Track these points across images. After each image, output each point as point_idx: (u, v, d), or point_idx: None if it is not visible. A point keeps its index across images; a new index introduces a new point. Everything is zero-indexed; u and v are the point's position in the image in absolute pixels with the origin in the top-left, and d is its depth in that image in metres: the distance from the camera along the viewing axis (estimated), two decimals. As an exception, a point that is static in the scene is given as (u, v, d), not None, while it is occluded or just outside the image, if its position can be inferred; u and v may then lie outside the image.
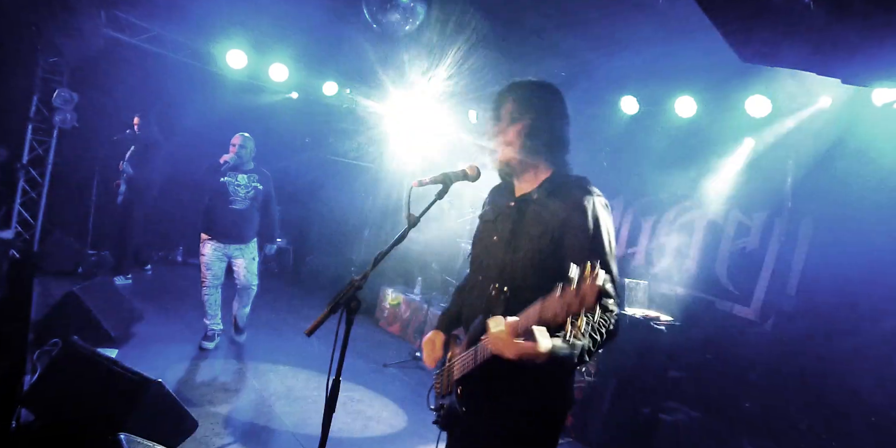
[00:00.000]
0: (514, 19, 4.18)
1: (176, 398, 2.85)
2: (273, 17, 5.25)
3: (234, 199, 4.52)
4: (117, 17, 5.73)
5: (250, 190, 4.58)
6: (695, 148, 5.12)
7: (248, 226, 4.63)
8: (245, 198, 4.56)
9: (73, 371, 2.69)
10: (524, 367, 1.40)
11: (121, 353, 4.09)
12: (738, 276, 4.74)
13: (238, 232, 4.58)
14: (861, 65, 1.83)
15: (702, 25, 2.18)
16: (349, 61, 6.46)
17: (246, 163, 4.61)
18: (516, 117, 1.67)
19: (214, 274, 4.60)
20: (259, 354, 4.79)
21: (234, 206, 4.52)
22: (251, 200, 4.59)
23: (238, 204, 4.54)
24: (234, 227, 4.55)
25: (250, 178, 4.62)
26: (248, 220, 4.61)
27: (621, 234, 5.85)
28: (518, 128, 1.67)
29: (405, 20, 3.68)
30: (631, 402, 3.93)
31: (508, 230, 1.71)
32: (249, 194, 4.58)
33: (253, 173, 4.65)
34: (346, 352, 1.53)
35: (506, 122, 1.68)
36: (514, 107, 1.68)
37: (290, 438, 3.39)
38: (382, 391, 4.47)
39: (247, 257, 4.67)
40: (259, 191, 4.64)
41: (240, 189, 4.54)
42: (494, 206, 1.85)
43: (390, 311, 6.50)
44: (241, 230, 4.59)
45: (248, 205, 4.57)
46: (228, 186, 4.51)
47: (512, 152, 1.68)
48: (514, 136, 1.67)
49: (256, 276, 4.80)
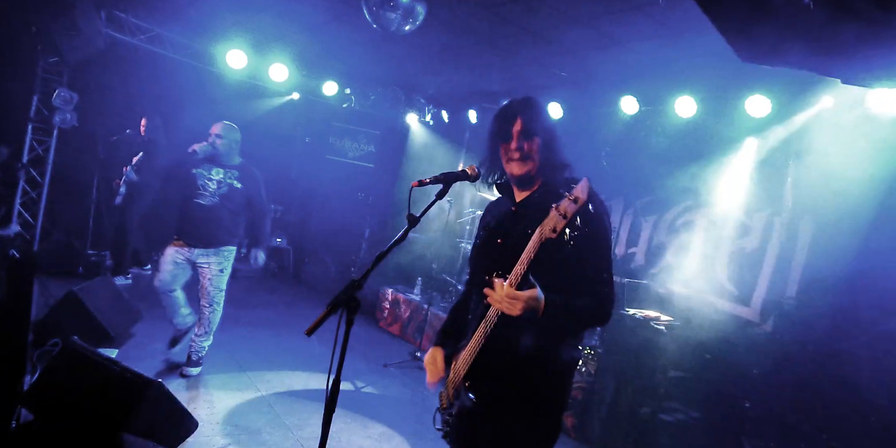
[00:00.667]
0: (513, 19, 4.18)
1: (176, 398, 2.85)
2: (273, 17, 5.25)
3: (202, 193, 3.92)
4: (117, 17, 5.73)
5: (223, 187, 3.96)
6: (695, 148, 5.12)
7: (214, 227, 3.96)
8: (214, 194, 3.93)
9: (73, 371, 2.70)
10: (529, 326, 1.55)
11: (121, 353, 4.10)
12: (738, 276, 4.74)
13: (204, 233, 3.95)
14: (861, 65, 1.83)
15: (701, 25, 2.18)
16: (349, 61, 6.47)
17: (225, 155, 4.01)
18: (532, 133, 1.73)
19: (163, 279, 3.96)
20: (259, 354, 4.79)
21: (199, 201, 3.91)
22: (221, 198, 3.95)
23: (204, 199, 3.92)
24: (200, 227, 3.94)
25: (228, 174, 4.01)
26: (214, 220, 3.96)
27: (621, 235, 5.86)
28: (536, 142, 1.73)
29: (405, 20, 3.68)
30: (631, 402, 3.93)
31: (511, 231, 1.74)
32: (221, 191, 3.95)
33: (233, 170, 4.04)
34: (346, 352, 1.53)
35: (524, 137, 1.73)
36: (529, 123, 1.73)
37: (291, 438, 3.39)
38: (382, 391, 4.47)
39: (213, 267, 4.00)
40: (236, 190, 4.01)
41: (210, 183, 3.94)
42: (495, 215, 1.90)
43: (390, 311, 6.50)
44: (207, 231, 3.95)
45: (216, 202, 3.93)
46: (198, 179, 3.93)
47: (529, 165, 1.73)
48: (533, 149, 1.73)
49: (221, 293, 4.09)
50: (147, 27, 5.95)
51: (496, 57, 5.20)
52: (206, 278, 4.02)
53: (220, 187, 3.97)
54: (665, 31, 3.84)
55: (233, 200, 4.01)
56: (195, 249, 3.97)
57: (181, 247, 3.97)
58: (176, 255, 3.97)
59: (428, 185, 1.73)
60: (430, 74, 6.45)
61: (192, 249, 3.97)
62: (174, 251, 3.97)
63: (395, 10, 3.62)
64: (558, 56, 4.84)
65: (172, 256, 3.96)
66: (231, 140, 4.04)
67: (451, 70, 5.99)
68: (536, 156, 1.72)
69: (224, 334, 4.87)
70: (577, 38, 4.31)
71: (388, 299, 6.57)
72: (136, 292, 5.82)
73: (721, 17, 1.89)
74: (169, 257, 3.96)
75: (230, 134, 4.04)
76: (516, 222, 1.75)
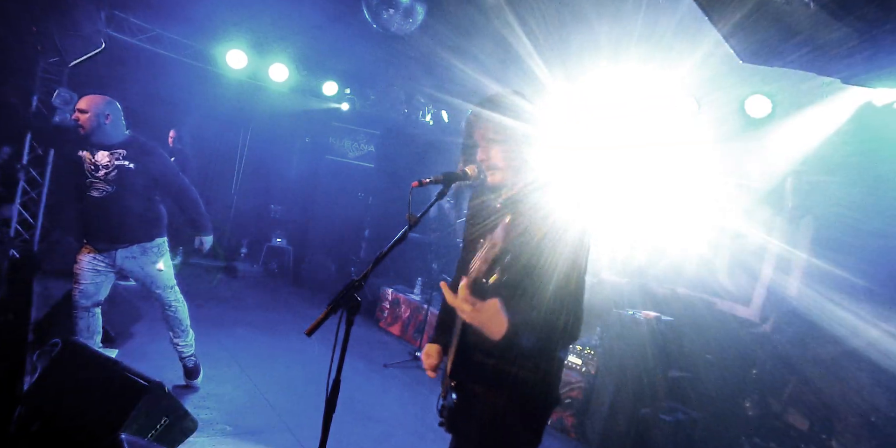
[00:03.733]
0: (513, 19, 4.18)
1: (176, 398, 2.85)
2: (273, 17, 5.26)
3: (93, 182, 3.29)
4: (117, 16, 5.74)
5: (111, 170, 3.28)
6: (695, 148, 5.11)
7: (124, 222, 3.36)
8: (104, 181, 3.28)
9: (73, 371, 2.70)
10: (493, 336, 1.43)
11: (121, 353, 4.09)
12: (738, 276, 4.74)
13: (114, 232, 3.37)
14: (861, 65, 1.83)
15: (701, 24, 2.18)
16: (349, 61, 6.47)
17: (99, 134, 3.28)
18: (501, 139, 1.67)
19: (84, 290, 3.38)
20: (259, 354, 4.78)
21: (92, 194, 3.29)
22: (116, 185, 3.29)
23: (97, 190, 3.29)
24: (105, 225, 3.35)
25: (114, 155, 3.30)
26: (119, 214, 3.34)
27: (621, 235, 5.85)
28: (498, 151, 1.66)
29: (405, 20, 3.68)
30: (631, 402, 3.93)
31: (496, 228, 1.71)
32: (111, 176, 3.28)
33: (119, 148, 3.32)
34: (346, 352, 1.53)
35: (486, 145, 1.68)
36: (497, 130, 1.67)
37: (290, 438, 3.39)
38: (382, 391, 4.47)
39: (147, 268, 3.48)
40: (130, 171, 3.30)
41: (98, 168, 3.28)
42: (482, 208, 1.86)
43: (390, 311, 6.50)
44: (118, 228, 3.37)
45: (111, 191, 3.29)
46: (83, 164, 3.26)
47: (498, 176, 1.68)
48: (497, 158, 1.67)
49: (174, 289, 3.63)
50: (147, 27, 5.95)
51: (496, 57, 5.19)
52: (144, 278, 3.52)
53: (109, 171, 3.28)
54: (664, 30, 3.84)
55: (133, 185, 3.33)
56: (115, 253, 3.40)
57: (97, 253, 3.39)
58: (95, 262, 3.40)
59: (428, 185, 1.72)
60: (429, 74, 6.44)
61: (112, 254, 3.40)
62: (91, 258, 3.39)
63: (396, 10, 3.62)
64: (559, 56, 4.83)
65: (91, 264, 3.38)
66: (97, 114, 3.25)
67: (452, 70, 5.98)
68: (503, 164, 1.67)
69: (224, 334, 4.88)
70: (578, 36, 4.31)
71: (388, 299, 6.57)
72: (137, 292, 5.82)
73: (721, 17, 1.89)
74: (87, 264, 3.38)
75: (97, 107, 3.26)
76: (500, 219, 1.71)
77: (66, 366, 2.73)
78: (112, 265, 3.43)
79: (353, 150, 8.97)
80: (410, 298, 6.26)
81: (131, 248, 3.43)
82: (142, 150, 3.39)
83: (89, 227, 3.40)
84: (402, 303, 6.33)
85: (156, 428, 2.59)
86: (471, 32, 4.64)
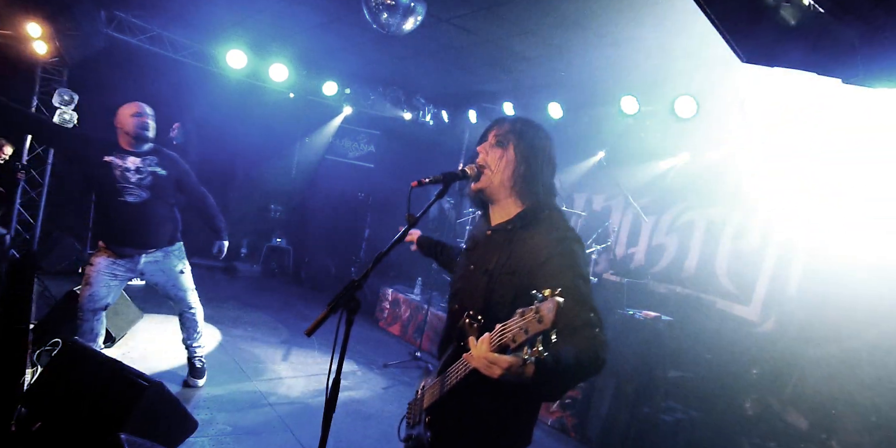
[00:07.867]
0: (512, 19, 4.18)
1: (176, 398, 2.85)
2: (273, 17, 5.26)
3: (126, 188, 3.25)
4: (117, 16, 5.74)
5: (146, 176, 3.30)
6: (695, 148, 5.12)
7: (154, 226, 3.39)
8: (139, 186, 3.28)
9: (73, 371, 2.70)
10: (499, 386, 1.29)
11: (121, 354, 4.10)
12: (738, 276, 4.74)
13: (144, 237, 3.37)
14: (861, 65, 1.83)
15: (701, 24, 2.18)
16: (349, 61, 6.47)
17: (148, 142, 3.38)
18: (506, 145, 1.65)
19: (94, 294, 3.29)
20: (259, 354, 4.79)
21: (126, 199, 3.26)
22: (150, 191, 3.31)
23: (130, 196, 3.27)
24: (136, 231, 3.34)
25: (146, 161, 3.33)
26: (151, 219, 3.36)
27: (621, 235, 5.86)
28: (499, 154, 1.65)
29: (405, 20, 3.68)
30: (631, 402, 3.93)
31: (484, 259, 1.67)
32: (145, 181, 3.30)
33: (150, 156, 3.37)
34: (346, 352, 1.53)
35: (490, 146, 1.67)
36: (509, 136, 1.66)
37: (290, 438, 3.39)
38: (383, 391, 4.47)
39: (168, 267, 3.52)
40: (162, 177, 3.37)
41: (129, 174, 3.26)
42: (473, 236, 1.84)
43: (390, 311, 6.50)
44: (147, 233, 3.37)
45: (146, 196, 3.30)
46: (113, 169, 3.22)
47: (484, 182, 1.66)
48: (501, 164, 1.64)
49: (194, 292, 3.69)
50: (147, 27, 5.95)
51: (496, 57, 5.20)
52: (169, 286, 3.57)
53: (143, 177, 3.30)
54: (665, 30, 3.84)
55: (164, 191, 3.39)
56: (140, 258, 3.40)
57: (118, 258, 3.35)
58: (113, 266, 3.34)
59: (427, 185, 1.72)
60: (430, 74, 6.45)
61: (137, 258, 3.39)
62: (109, 262, 3.33)
63: (395, 10, 3.62)
64: (558, 55, 4.84)
65: (109, 268, 3.32)
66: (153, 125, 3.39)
67: (452, 70, 5.99)
68: (494, 167, 1.64)
69: (224, 334, 4.88)
70: (578, 36, 4.32)
71: (388, 299, 6.57)
72: (137, 292, 5.82)
73: (721, 18, 1.89)
74: (104, 268, 3.31)
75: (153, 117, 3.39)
76: (488, 251, 1.67)
77: (66, 366, 2.73)
78: (132, 270, 3.42)
79: (353, 150, 8.98)
80: (410, 298, 6.26)
81: (155, 253, 3.47)
82: (169, 157, 3.48)
83: (119, 232, 3.34)
84: (402, 303, 6.33)
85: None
86: (471, 32, 4.65)
